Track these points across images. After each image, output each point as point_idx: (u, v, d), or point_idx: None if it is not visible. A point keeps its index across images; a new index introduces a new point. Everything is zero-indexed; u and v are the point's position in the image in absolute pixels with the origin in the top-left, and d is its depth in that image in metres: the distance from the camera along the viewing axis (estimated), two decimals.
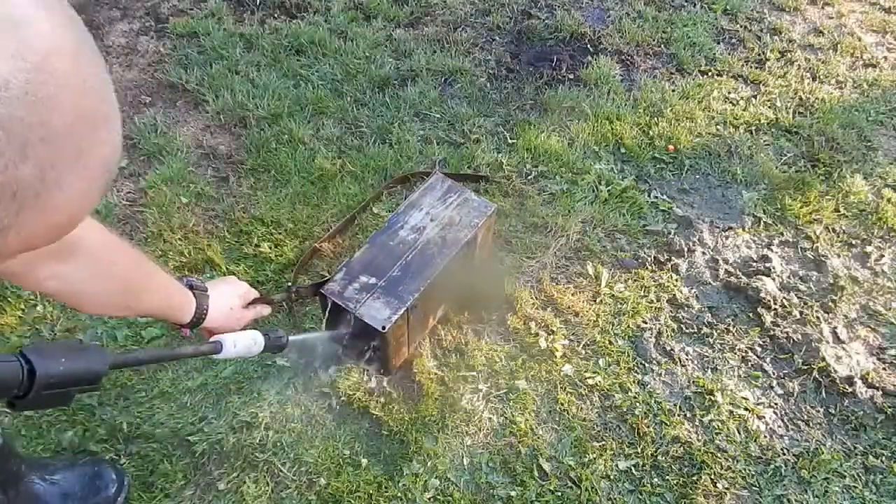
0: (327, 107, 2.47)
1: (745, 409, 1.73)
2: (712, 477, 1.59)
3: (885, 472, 1.63)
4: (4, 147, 0.33)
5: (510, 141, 2.42)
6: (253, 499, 1.49)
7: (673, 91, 2.69)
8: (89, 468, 1.44)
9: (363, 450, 1.60)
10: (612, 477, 1.59)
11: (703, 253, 2.12)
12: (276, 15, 2.92)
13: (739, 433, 1.68)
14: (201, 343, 1.07)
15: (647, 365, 1.81)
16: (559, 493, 1.54)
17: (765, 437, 1.68)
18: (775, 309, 1.95)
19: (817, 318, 1.94)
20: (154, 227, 2.02)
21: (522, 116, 2.53)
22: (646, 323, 1.91)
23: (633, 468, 1.61)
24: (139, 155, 2.28)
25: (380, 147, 2.33)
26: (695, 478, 1.59)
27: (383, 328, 1.44)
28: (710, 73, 2.81)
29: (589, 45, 2.90)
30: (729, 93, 2.72)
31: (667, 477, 1.59)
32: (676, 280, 2.02)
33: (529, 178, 2.29)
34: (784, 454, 1.65)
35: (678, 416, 1.71)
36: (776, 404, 1.76)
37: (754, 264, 2.07)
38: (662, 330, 1.89)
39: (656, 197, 2.28)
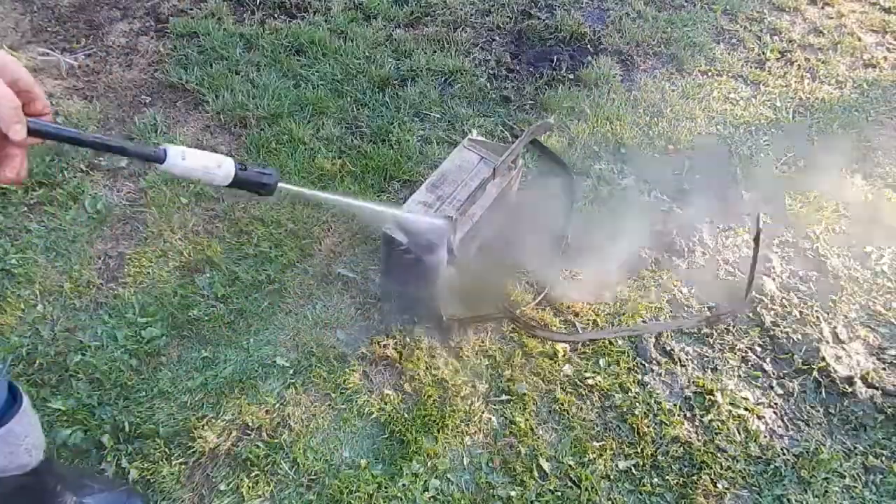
0: (327, 107, 2.47)
1: (745, 409, 1.73)
2: (712, 477, 1.59)
3: (884, 472, 1.63)
4: None
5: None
6: (253, 499, 1.49)
7: (673, 91, 2.69)
8: (123, 496, 1.45)
9: (363, 450, 1.60)
10: (612, 477, 1.59)
11: (703, 253, 2.12)
12: (276, 15, 2.92)
13: (739, 433, 1.68)
14: (147, 146, 0.88)
15: (647, 365, 1.81)
16: (559, 493, 1.54)
17: (765, 437, 1.68)
18: (775, 309, 1.95)
19: (817, 318, 1.94)
20: (154, 227, 2.02)
21: (522, 116, 2.53)
22: (646, 323, 1.90)
23: (633, 468, 1.61)
24: None
25: (380, 147, 2.33)
26: (695, 478, 1.59)
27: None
28: (710, 73, 2.81)
29: (589, 45, 2.90)
30: (729, 93, 2.72)
31: (667, 477, 1.59)
32: (676, 280, 2.02)
33: (529, 178, 2.29)
34: (784, 454, 1.65)
35: (678, 416, 1.71)
36: (776, 404, 1.76)
37: None
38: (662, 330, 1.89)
39: (656, 197, 2.28)
